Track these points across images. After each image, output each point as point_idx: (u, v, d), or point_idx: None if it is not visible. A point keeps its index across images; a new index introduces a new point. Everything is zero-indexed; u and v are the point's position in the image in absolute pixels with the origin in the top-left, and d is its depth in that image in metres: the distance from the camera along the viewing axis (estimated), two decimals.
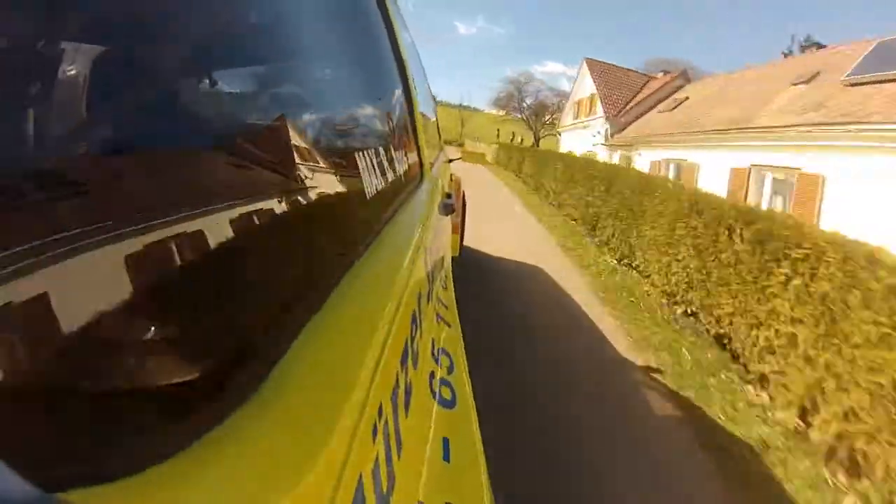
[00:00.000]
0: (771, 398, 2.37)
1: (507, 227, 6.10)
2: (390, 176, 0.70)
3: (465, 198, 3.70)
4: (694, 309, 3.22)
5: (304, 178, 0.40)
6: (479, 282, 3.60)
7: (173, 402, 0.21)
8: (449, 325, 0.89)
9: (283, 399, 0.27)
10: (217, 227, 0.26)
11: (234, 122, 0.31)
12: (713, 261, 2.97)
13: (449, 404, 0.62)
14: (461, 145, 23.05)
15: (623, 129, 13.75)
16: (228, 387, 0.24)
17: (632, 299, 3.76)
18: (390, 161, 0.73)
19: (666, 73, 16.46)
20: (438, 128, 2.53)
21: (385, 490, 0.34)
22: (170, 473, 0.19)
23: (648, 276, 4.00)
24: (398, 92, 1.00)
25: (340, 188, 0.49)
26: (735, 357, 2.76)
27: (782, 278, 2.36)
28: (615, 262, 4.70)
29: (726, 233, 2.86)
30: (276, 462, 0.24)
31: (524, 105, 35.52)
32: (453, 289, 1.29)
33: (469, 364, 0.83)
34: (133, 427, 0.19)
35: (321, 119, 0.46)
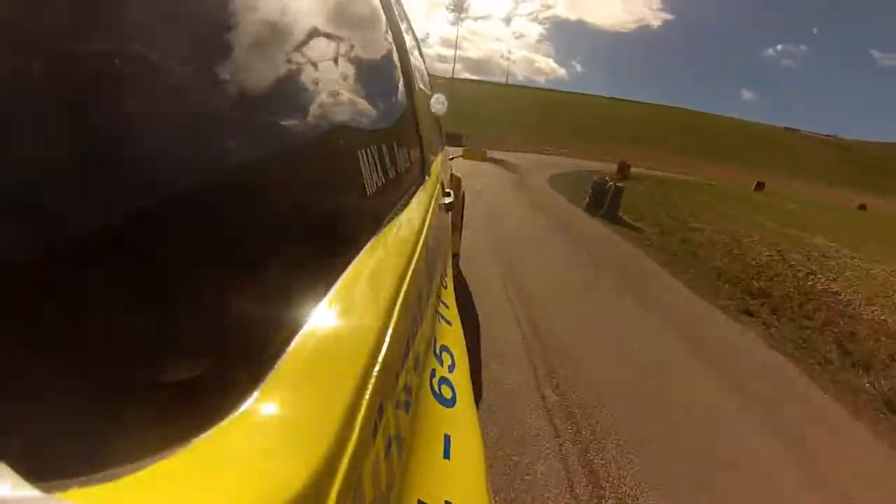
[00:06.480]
0: None
1: None
2: (391, 173, 0.70)
3: (465, 197, 3.69)
4: None
5: (303, 174, 0.39)
6: None
7: (173, 401, 0.21)
8: (450, 324, 0.89)
9: (284, 397, 0.26)
10: (214, 226, 0.26)
11: (229, 116, 0.31)
12: None
13: (450, 403, 0.62)
14: None
15: None
16: (228, 385, 0.24)
17: None
18: (391, 157, 0.72)
19: None
20: (441, 124, 2.51)
21: (385, 488, 0.34)
22: (169, 473, 0.19)
23: None
24: (400, 87, 1.00)
25: (341, 185, 0.48)
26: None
27: None
28: None
29: None
30: (276, 460, 0.24)
31: None
32: (453, 287, 1.29)
33: None
34: (132, 427, 0.19)
35: (320, 114, 0.45)
